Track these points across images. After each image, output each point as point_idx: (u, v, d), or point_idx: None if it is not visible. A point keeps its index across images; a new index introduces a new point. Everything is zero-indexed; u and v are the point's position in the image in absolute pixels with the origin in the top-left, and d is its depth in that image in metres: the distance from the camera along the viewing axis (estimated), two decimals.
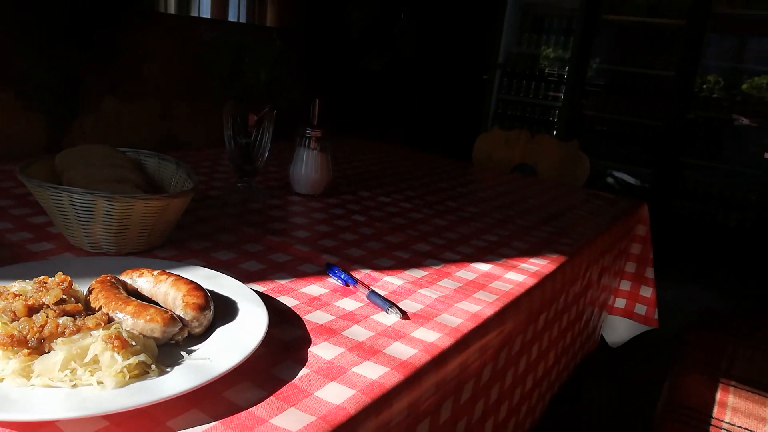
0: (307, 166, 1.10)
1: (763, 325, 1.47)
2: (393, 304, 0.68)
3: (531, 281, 0.82)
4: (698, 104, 3.72)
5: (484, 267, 0.86)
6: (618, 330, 1.43)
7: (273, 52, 0.90)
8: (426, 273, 0.81)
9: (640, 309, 1.39)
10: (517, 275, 0.84)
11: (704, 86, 3.74)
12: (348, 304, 0.69)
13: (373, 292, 0.71)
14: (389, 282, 0.77)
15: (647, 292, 1.38)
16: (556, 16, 4.23)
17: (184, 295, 0.57)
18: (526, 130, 1.58)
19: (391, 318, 0.67)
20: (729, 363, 1.27)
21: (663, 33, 3.82)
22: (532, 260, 0.91)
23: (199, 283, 0.61)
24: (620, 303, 1.41)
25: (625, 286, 1.40)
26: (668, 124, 3.74)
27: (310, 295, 0.71)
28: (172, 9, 3.11)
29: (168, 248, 0.80)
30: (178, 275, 0.62)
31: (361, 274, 0.79)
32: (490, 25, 4.40)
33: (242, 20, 3.12)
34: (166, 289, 0.60)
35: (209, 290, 0.63)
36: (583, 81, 4.03)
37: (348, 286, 0.74)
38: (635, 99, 3.92)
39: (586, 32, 3.92)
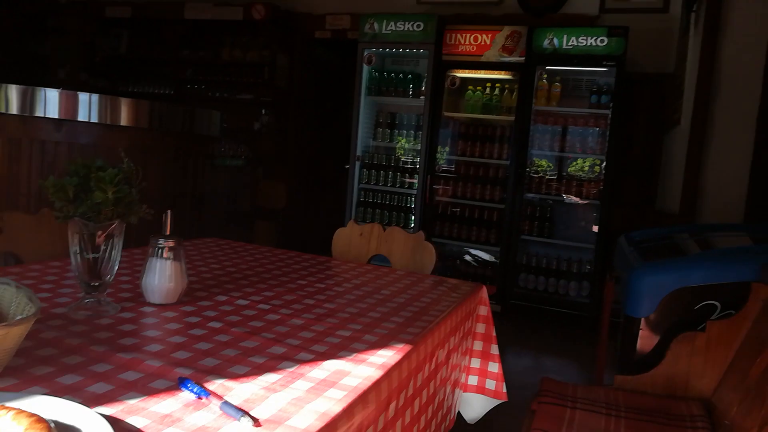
0: (160, 276, 1.11)
1: (596, 391, 1.66)
2: (245, 413, 0.71)
3: (378, 374, 0.89)
4: (533, 187, 4.23)
5: (336, 364, 0.92)
6: (473, 406, 1.54)
7: (122, 170, 0.93)
8: (280, 376, 0.85)
9: (490, 384, 1.52)
10: (366, 368, 0.91)
11: (536, 170, 4.28)
12: (200, 418, 0.71)
13: (225, 402, 0.74)
14: (244, 389, 0.80)
15: (494, 367, 1.52)
16: (406, 112, 4.65)
17: (25, 429, 0.56)
18: (378, 224, 1.72)
19: (244, 427, 0.69)
20: (569, 427, 1.42)
21: (496, 127, 4.36)
22: (381, 352, 0.99)
23: (42, 415, 0.60)
24: (472, 380, 1.53)
25: (475, 363, 1.53)
26: (509, 205, 4.19)
27: (161, 413, 0.71)
28: (14, 109, 2.97)
29: (6, 377, 0.76)
30: (19, 408, 0.60)
31: (215, 385, 0.81)
32: (349, 122, 4.71)
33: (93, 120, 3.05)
34: (6, 424, 0.58)
35: (53, 420, 0.62)
36: (433, 169, 4.41)
37: (201, 399, 0.76)
38: (480, 184, 4.36)
39: (432, 127, 4.34)
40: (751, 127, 3.13)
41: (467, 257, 4.48)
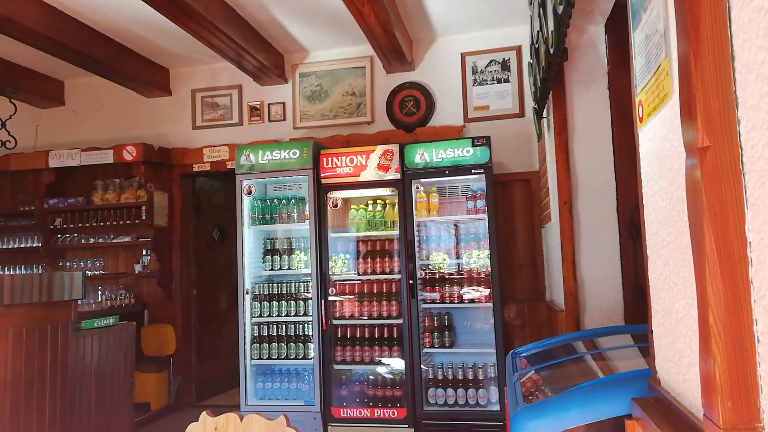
0: None
1: None
2: None
3: None
4: (427, 298, 4.19)
5: None
6: None
7: None
8: None
9: None
10: None
11: (427, 278, 4.25)
12: None
13: None
14: None
15: None
16: (295, 236, 4.56)
17: None
18: (235, 414, 1.53)
19: None
20: None
21: (384, 241, 4.35)
22: None
23: None
24: None
25: None
26: (405, 320, 4.10)
27: None
28: None
29: None
30: None
31: None
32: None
33: None
34: None
35: None
36: (326, 293, 4.27)
37: None
38: (376, 301, 4.26)
39: (320, 250, 4.26)
40: (612, 222, 3.32)
41: (373, 379, 4.29)
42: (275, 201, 4.57)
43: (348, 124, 4.99)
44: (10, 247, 5.32)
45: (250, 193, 4.49)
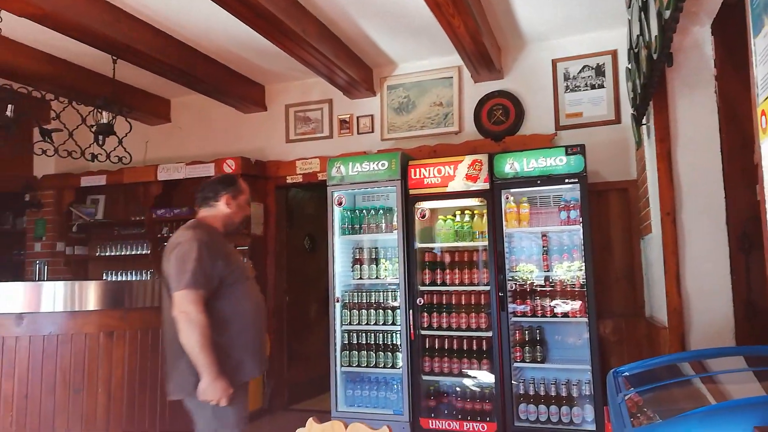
0: None
1: None
2: None
3: None
4: (518, 311, 4.11)
5: None
6: None
7: None
8: None
9: None
10: None
11: (518, 291, 4.17)
12: None
13: None
14: None
15: None
16: (382, 246, 4.63)
17: None
18: (340, 422, 1.59)
19: None
20: None
21: (473, 252, 4.32)
22: None
23: None
24: None
25: None
26: (495, 333, 4.03)
27: None
28: None
29: None
30: None
31: None
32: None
33: None
34: None
35: None
36: (414, 303, 4.30)
37: None
38: (465, 313, 4.23)
39: (409, 261, 4.31)
40: (721, 234, 3.10)
41: (461, 391, 4.25)
42: (364, 211, 4.67)
43: (435, 135, 5.01)
44: (123, 254, 5.79)
45: (340, 203, 4.61)
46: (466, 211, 4.37)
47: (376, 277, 4.54)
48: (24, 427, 2.89)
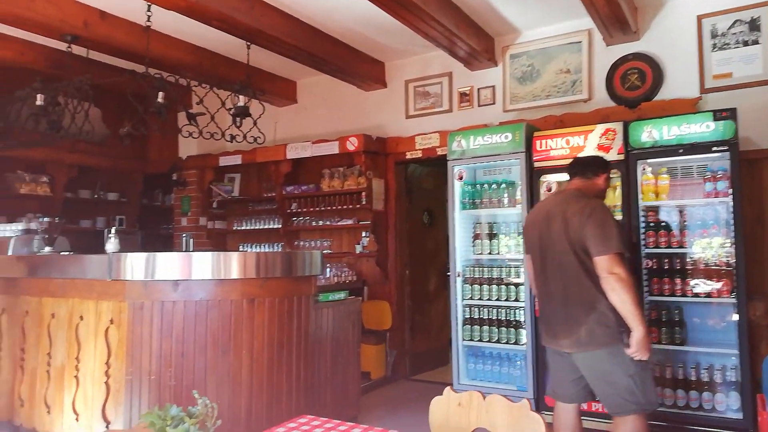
0: None
1: None
2: None
3: None
4: (653, 289, 3.85)
5: None
6: None
7: (197, 415, 0.93)
8: None
9: None
10: None
11: (654, 268, 3.90)
12: None
13: None
14: None
15: None
16: (504, 221, 4.55)
17: None
18: (478, 393, 1.60)
19: None
20: None
21: None
22: None
23: None
24: None
25: None
26: None
27: None
28: (138, 275, 3.25)
29: None
30: None
31: None
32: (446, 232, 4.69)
33: None
34: None
35: None
36: None
37: None
38: None
39: None
40: None
41: None
42: (485, 185, 4.60)
43: (561, 104, 4.78)
44: (256, 227, 6.22)
45: (461, 178, 4.58)
46: None
47: (498, 253, 4.47)
48: (181, 382, 3.23)
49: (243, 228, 6.33)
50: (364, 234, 5.60)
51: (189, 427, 0.88)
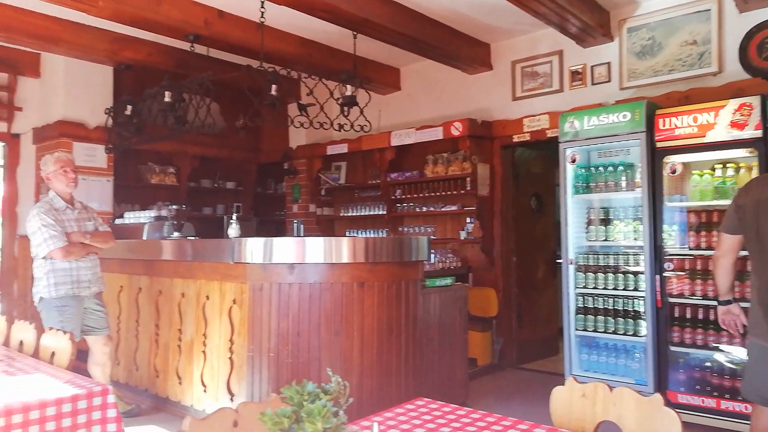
0: None
1: None
2: None
3: None
4: None
5: None
6: None
7: (331, 392, 0.96)
8: None
9: None
10: None
11: None
12: None
13: None
14: None
15: None
16: (620, 206, 4.29)
17: None
18: (603, 384, 1.52)
19: None
20: None
21: None
22: None
23: None
24: None
25: None
26: None
27: None
28: (257, 258, 3.44)
29: None
30: None
31: None
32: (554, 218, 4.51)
33: None
34: None
35: None
36: (661, 268, 3.91)
37: None
38: None
39: (654, 222, 3.92)
40: None
41: (716, 367, 3.77)
42: (600, 168, 4.36)
43: (687, 79, 4.40)
44: (362, 214, 6.36)
45: (573, 161, 4.37)
46: (729, 165, 3.78)
47: (612, 239, 4.23)
48: (297, 359, 3.40)
49: (349, 214, 6.50)
50: (468, 220, 5.53)
51: (326, 402, 0.91)
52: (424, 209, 5.87)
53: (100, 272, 3.76)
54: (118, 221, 5.31)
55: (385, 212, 6.09)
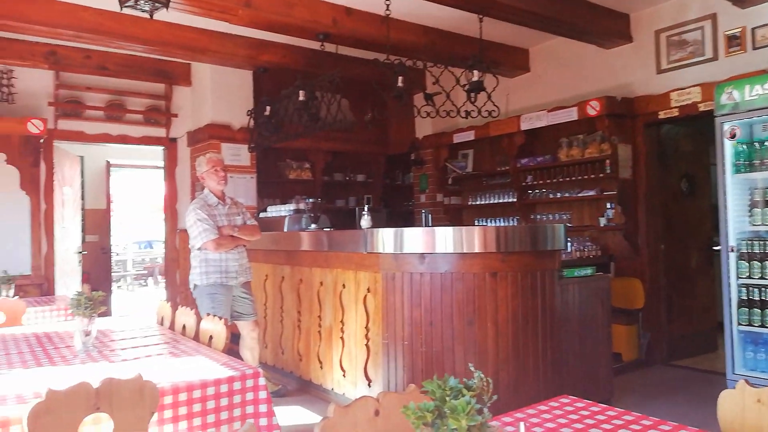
0: None
1: None
2: None
3: None
4: None
5: None
6: None
7: (474, 388, 0.93)
8: None
9: None
10: None
11: None
12: None
13: None
14: None
15: None
16: None
17: None
18: None
19: None
20: None
21: None
22: None
23: None
24: None
25: None
26: None
27: None
28: (389, 248, 3.49)
29: None
30: None
31: None
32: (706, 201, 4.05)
33: None
34: None
35: None
36: None
37: None
38: None
39: None
40: None
41: None
42: (765, 143, 3.82)
43: None
44: (491, 202, 6.22)
45: (733, 136, 3.89)
46: None
47: None
48: (431, 348, 3.41)
49: (477, 203, 6.39)
50: (608, 205, 5.17)
51: (470, 399, 0.88)
52: (558, 195, 5.59)
53: (248, 264, 4.06)
54: (262, 215, 5.71)
55: (515, 200, 5.90)
